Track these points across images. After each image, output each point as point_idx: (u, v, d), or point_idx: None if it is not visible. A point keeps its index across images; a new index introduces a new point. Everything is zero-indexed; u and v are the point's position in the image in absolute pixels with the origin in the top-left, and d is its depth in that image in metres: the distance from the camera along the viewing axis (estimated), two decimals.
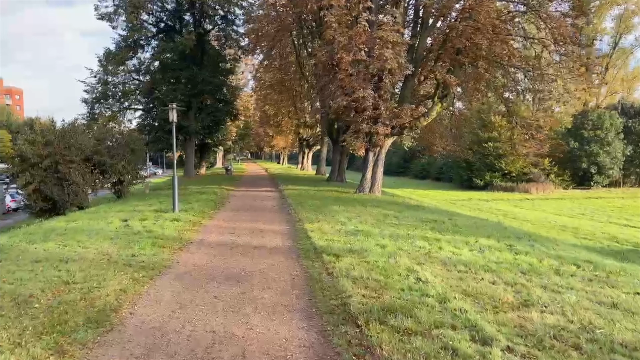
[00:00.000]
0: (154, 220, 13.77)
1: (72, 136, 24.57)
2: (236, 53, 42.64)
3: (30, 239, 11.33)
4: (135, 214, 15.30)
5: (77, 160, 24.15)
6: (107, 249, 9.56)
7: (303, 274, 7.93)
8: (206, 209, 16.79)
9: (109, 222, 13.71)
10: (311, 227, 12.36)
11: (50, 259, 8.79)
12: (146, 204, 19.15)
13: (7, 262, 8.62)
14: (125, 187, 27.70)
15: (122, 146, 27.19)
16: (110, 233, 11.63)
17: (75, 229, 12.79)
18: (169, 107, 15.80)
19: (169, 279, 7.71)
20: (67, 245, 10.14)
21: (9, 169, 25.10)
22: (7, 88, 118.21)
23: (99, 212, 17.35)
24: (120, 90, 39.76)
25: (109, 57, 38.48)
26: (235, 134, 68.33)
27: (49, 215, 23.69)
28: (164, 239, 10.84)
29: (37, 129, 25.98)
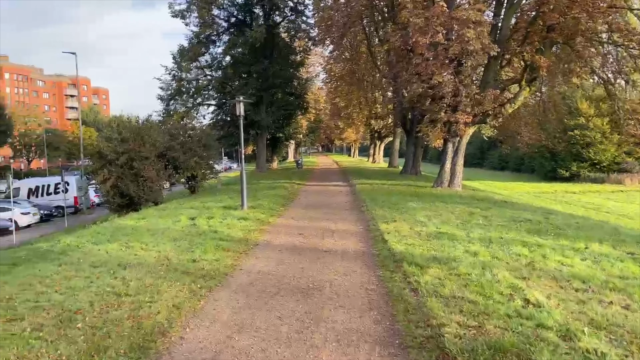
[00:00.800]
0: (221, 218, 13.13)
1: (146, 133, 24.83)
2: (306, 45, 41.93)
3: (97, 239, 11.00)
4: (204, 212, 14.80)
5: (151, 157, 24.36)
6: (168, 253, 8.90)
7: (381, 289, 6.77)
8: (275, 205, 16.01)
9: (177, 220, 13.25)
10: (387, 228, 11.15)
11: (109, 263, 8.23)
12: (216, 200, 18.73)
13: (67, 267, 8.16)
14: (198, 182, 27.78)
15: (195, 142, 27.23)
16: (175, 233, 11.06)
17: (142, 228, 12.39)
18: (236, 100, 15.12)
19: (229, 291, 6.83)
20: (129, 247, 9.62)
21: (89, 166, 25.78)
22: (94, 88, 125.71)
23: (169, 209, 17.09)
24: (193, 87, 40.29)
25: (182, 54, 39.02)
26: (306, 128, 67.97)
27: (126, 210, 24.13)
28: (228, 240, 10.07)
29: (114, 127, 26.57)
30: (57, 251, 9.78)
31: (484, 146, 74.98)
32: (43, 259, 9.11)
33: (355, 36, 34.68)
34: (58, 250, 9.93)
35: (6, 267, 8.83)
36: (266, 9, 38.94)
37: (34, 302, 6.17)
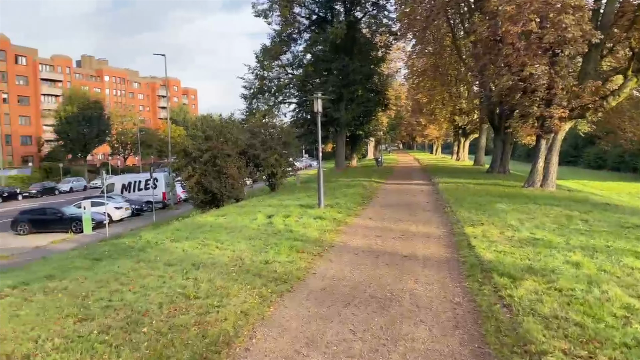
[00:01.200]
0: (297, 217, 12.86)
1: (228, 131, 25.31)
2: (387, 39, 41.06)
3: (176, 236, 11.11)
4: (281, 210, 14.63)
5: (233, 154, 24.80)
6: (242, 253, 8.69)
7: (468, 303, 6.05)
8: (353, 204, 15.52)
9: (254, 218, 13.15)
10: (473, 232, 10.27)
11: (183, 262, 8.15)
12: (294, 197, 18.59)
13: (143, 264, 8.17)
14: (278, 179, 27.96)
15: (275, 140, 27.43)
16: (251, 232, 10.91)
17: (220, 225, 12.40)
18: (314, 96, 14.80)
19: (300, 297, 6.43)
20: (205, 246, 9.55)
21: (174, 163, 26.77)
22: (184, 89, 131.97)
23: (248, 206, 17.13)
24: (275, 85, 40.81)
25: (264, 53, 39.60)
26: (387, 125, 66.82)
27: (210, 206, 24.75)
28: (303, 241, 9.72)
29: (198, 125, 27.39)
30: (138, 247, 9.93)
31: (578, 143, 69.83)
32: (123, 255, 9.26)
33: (439, 29, 33.28)
34: (138, 246, 10.08)
35: (90, 262, 9.05)
36: (347, 5, 38.56)
37: (107, 301, 6.12)
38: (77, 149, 70.93)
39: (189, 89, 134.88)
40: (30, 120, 75.28)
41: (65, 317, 5.57)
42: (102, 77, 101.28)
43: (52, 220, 27.43)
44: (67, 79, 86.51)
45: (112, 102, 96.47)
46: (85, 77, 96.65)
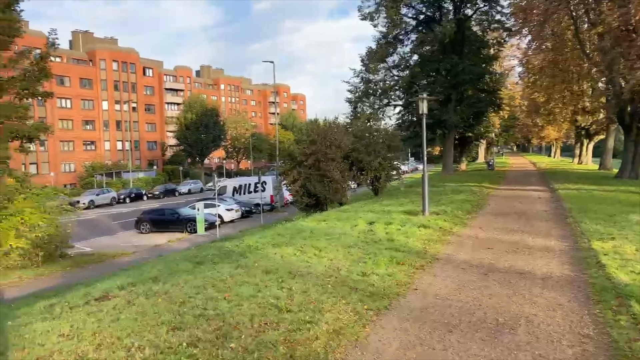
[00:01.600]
0: (399, 224, 12.23)
1: (332, 135, 25.26)
2: (500, 36, 38.69)
3: (277, 241, 11.04)
4: (383, 216, 14.09)
5: (336, 158, 24.70)
6: (339, 262, 8.31)
7: (600, 337, 5.10)
8: (460, 212, 14.52)
9: (355, 224, 12.76)
10: (602, 248, 8.96)
11: (280, 270, 7.95)
12: (397, 203, 17.93)
13: (241, 270, 8.11)
14: (382, 184, 27.39)
15: (379, 143, 26.92)
16: (350, 239, 10.51)
17: (320, 231, 12.17)
18: (419, 97, 14.09)
19: (398, 317, 5.87)
20: (303, 253, 9.32)
21: (281, 167, 27.29)
22: (293, 95, 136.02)
23: (350, 211, 16.80)
24: (380, 88, 40.25)
25: (370, 55, 39.24)
26: (499, 126, 63.18)
27: (313, 210, 24.88)
28: (405, 251, 9.12)
29: (303, 130, 27.71)
30: (239, 252, 9.97)
31: None
32: (224, 260, 9.32)
33: (559, 22, 30.57)
34: (239, 251, 10.13)
35: (192, 265, 9.22)
36: (456, 2, 36.95)
37: (201, 309, 6.05)
38: (195, 153, 75.87)
39: (297, 95, 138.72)
40: (156, 127, 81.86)
41: (161, 324, 5.55)
42: (219, 85, 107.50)
43: (170, 221, 29.34)
44: (187, 88, 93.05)
45: (227, 109, 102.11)
46: (204, 86, 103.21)
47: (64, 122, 67.04)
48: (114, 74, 73.82)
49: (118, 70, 74.37)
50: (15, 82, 17.95)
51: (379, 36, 39.00)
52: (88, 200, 46.17)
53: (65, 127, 67.14)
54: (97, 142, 71.77)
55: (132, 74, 76.71)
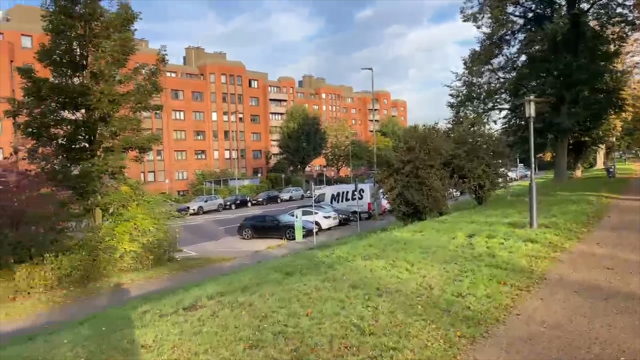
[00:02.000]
0: (503, 238, 11.23)
1: (431, 141, 24.34)
2: (621, 31, 34.99)
3: (368, 252, 10.64)
4: (484, 228, 13.10)
5: (436, 165, 23.76)
6: (432, 280, 7.70)
7: None
8: (574, 225, 13.06)
9: (453, 236, 11.96)
10: None
11: (368, 285, 7.53)
12: (502, 213, 16.67)
13: (328, 284, 7.82)
14: (486, 192, 25.86)
15: (483, 149, 25.48)
16: (446, 253, 9.81)
17: (415, 243, 11.55)
18: (525, 99, 12.93)
19: (496, 348, 5.18)
20: (395, 267, 8.82)
21: (377, 174, 26.80)
22: (393, 101, 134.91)
23: (449, 221, 15.91)
24: (484, 91, 38.28)
25: (473, 58, 37.54)
26: (620, 129, 57.24)
27: (412, 219, 24.11)
28: (507, 269, 8.25)
29: (401, 136, 27.04)
30: (328, 263, 9.72)
31: None
32: (312, 271, 9.09)
33: None
34: (329, 262, 9.87)
35: (281, 276, 9.10)
36: None
37: (281, 326, 5.82)
38: (297, 161, 77.76)
39: (398, 101, 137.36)
40: (260, 136, 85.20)
41: (239, 340, 5.40)
42: (320, 94, 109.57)
43: (270, 227, 30.07)
44: (290, 98, 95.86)
45: (327, 118, 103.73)
46: (306, 96, 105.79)
47: (177, 133, 72.13)
48: (222, 86, 78.03)
49: (226, 83, 78.50)
50: (130, 97, 19.35)
51: (483, 37, 37.15)
52: (197, 207, 49.01)
53: (179, 138, 72.18)
54: (207, 151, 76.22)
55: (239, 86, 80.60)
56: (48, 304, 15.22)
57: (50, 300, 15.50)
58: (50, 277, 16.69)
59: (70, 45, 18.84)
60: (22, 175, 17.04)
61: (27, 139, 18.98)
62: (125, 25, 18.82)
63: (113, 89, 18.71)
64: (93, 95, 18.21)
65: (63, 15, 18.32)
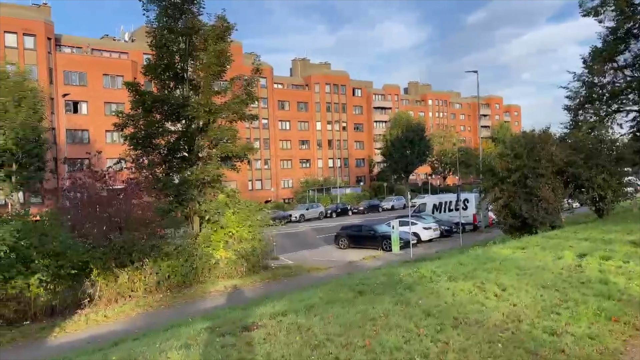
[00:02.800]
0: (622, 260, 9.51)
1: (542, 147, 22.14)
2: None
3: (456, 271, 9.55)
4: (600, 247, 11.31)
5: (547, 174, 21.54)
6: (523, 310, 6.52)
7: None
8: None
9: (559, 256, 10.41)
10: None
11: (444, 313, 6.57)
12: (625, 230, 14.48)
13: (399, 308, 6.98)
14: (607, 204, 22.95)
15: (604, 155, 22.65)
16: (548, 277, 8.44)
17: (513, 262, 10.22)
18: None
19: None
20: (482, 291, 7.72)
21: (482, 184, 24.95)
22: (506, 106, 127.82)
23: (559, 237, 14.12)
24: (607, 91, 34.34)
25: (594, 56, 33.86)
26: None
27: (519, 232, 22.08)
28: (622, 301, 6.80)
29: (507, 142, 24.96)
30: (407, 283, 8.82)
31: None
32: (388, 291, 8.27)
33: None
34: (409, 281, 8.97)
35: (352, 294, 8.40)
36: None
37: (333, 357, 5.13)
38: (400, 169, 76.19)
39: (511, 106, 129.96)
40: (364, 144, 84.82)
41: None
42: (426, 101, 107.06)
43: (366, 237, 29.31)
44: (395, 105, 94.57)
45: (434, 124, 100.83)
46: (411, 103, 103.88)
47: (283, 142, 74.10)
48: (327, 96, 78.94)
49: (330, 93, 79.32)
50: (226, 107, 19.83)
51: (606, 32, 33.35)
52: (299, 214, 49.65)
53: (284, 148, 74.11)
54: (311, 160, 77.41)
55: (342, 95, 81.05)
56: (144, 308, 15.85)
57: (147, 305, 16.15)
58: (150, 281, 17.44)
59: (172, 59, 19.76)
60: (128, 184, 18.06)
61: (132, 150, 20.13)
62: (221, 37, 19.33)
63: (210, 99, 19.25)
64: (191, 106, 18.88)
65: (166, 30, 19.27)
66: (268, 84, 71.20)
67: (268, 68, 72.47)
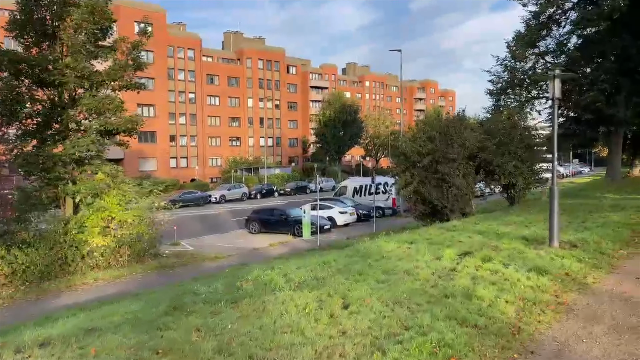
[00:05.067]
0: (503, 262, 8.21)
1: (455, 131, 21.10)
2: None
3: (313, 274, 7.92)
4: (489, 243, 10.07)
5: (458, 159, 20.55)
6: (348, 341, 4.90)
7: None
8: (610, 244, 9.77)
9: (439, 255, 8.99)
10: None
11: (245, 347, 4.85)
12: (525, 221, 13.49)
13: (193, 338, 5.18)
14: (518, 192, 22.34)
15: (516, 142, 21.92)
16: (411, 286, 6.94)
17: (387, 261, 8.77)
18: (549, 75, 9.70)
19: None
20: (322, 308, 6.09)
21: (394, 169, 23.77)
22: (442, 91, 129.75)
23: (456, 229, 12.87)
24: (528, 77, 34.14)
25: (517, 40, 33.44)
26: None
27: (430, 220, 21.09)
28: (477, 326, 5.32)
29: (420, 125, 23.86)
30: (240, 294, 7.06)
31: None
32: (205, 307, 6.47)
33: None
34: (247, 290, 7.24)
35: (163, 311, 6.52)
36: None
37: None
38: (333, 150, 75.00)
39: (447, 91, 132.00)
40: (297, 124, 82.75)
41: None
42: (364, 82, 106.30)
43: (278, 222, 27.62)
44: (332, 85, 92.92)
45: (371, 106, 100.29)
46: (349, 84, 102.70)
47: (212, 119, 70.68)
48: (259, 72, 75.92)
49: (263, 69, 76.35)
50: (104, 74, 17.23)
51: (528, 16, 32.93)
52: (219, 195, 47.27)
53: (213, 124, 70.75)
54: (241, 138, 74.52)
55: (276, 72, 78.30)
56: None
57: None
58: (1, 273, 14.91)
59: (39, 14, 16.89)
60: None
61: None
62: None
63: (82, 63, 16.57)
64: (58, 69, 16.17)
65: None
66: (196, 56, 67.44)
67: (197, 40, 68.50)
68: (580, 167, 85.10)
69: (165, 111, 61.05)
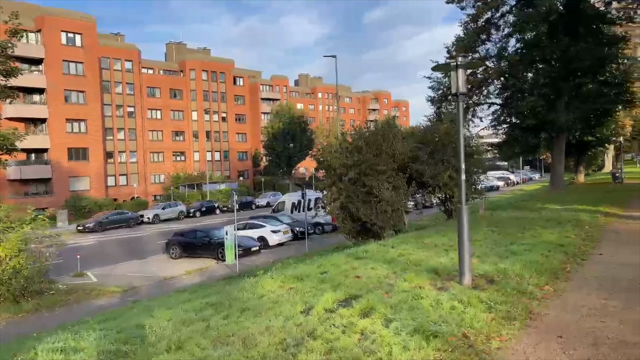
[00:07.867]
0: (390, 313, 6.03)
1: (384, 139, 19.19)
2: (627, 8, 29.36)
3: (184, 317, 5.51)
4: (389, 278, 7.92)
5: (388, 170, 18.60)
6: None
7: None
8: (535, 277, 7.75)
9: (312, 304, 6.76)
10: None
11: None
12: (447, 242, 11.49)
13: None
14: (455, 204, 20.53)
15: (450, 150, 20.16)
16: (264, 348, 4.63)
17: (247, 313, 6.44)
18: (451, 66, 7.69)
19: None
20: None
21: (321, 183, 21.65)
22: (395, 101, 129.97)
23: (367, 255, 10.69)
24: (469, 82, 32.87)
25: (457, 44, 32.21)
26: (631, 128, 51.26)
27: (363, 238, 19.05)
28: None
29: (347, 134, 21.90)
30: None
31: None
32: None
33: None
34: None
35: None
36: None
37: None
38: (283, 163, 72.66)
39: (400, 101, 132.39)
40: (246, 137, 80.00)
41: None
42: (316, 94, 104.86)
43: (200, 245, 24.91)
44: (284, 97, 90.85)
45: (324, 118, 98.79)
46: (301, 95, 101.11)
47: (153, 133, 67.15)
48: (204, 83, 72.99)
49: (208, 80, 73.46)
50: None
51: (467, 20, 31.79)
52: (152, 215, 43.96)
53: (155, 139, 67.23)
54: (186, 152, 71.24)
55: (222, 84, 75.50)
56: None
57: None
58: None
59: None
60: None
61: None
62: None
63: None
64: None
65: None
66: (134, 68, 63.97)
67: (134, 50, 65.05)
68: (531, 174, 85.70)
69: (100, 126, 57.16)
